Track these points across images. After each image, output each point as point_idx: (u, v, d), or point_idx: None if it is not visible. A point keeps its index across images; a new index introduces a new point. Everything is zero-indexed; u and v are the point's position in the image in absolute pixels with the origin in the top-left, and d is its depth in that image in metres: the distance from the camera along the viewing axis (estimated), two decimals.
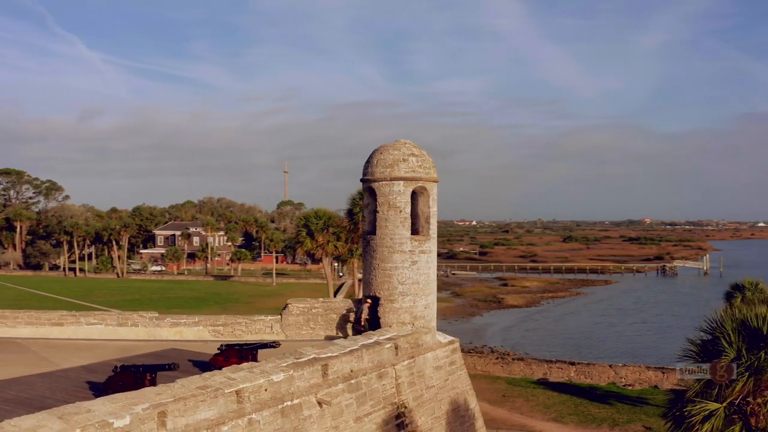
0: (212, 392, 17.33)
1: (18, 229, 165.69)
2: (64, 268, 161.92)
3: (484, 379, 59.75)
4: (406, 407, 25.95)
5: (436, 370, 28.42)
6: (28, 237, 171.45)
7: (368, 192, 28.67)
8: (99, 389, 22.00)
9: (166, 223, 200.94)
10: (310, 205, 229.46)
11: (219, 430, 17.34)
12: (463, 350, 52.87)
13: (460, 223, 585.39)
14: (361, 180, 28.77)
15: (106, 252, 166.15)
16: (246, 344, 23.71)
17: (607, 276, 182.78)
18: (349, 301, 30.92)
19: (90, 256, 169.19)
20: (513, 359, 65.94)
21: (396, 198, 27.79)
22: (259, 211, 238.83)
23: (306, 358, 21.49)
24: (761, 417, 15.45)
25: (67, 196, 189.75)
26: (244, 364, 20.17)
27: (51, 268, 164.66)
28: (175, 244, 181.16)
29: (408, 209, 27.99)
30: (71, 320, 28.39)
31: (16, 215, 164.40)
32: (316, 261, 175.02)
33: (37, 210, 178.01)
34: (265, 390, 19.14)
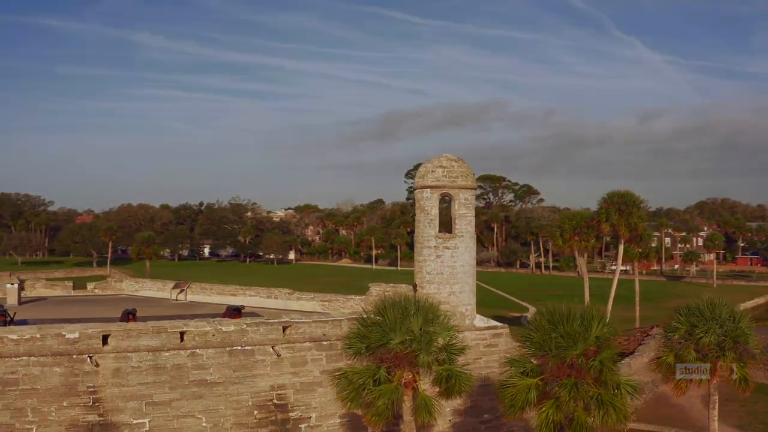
0: (156, 329, 27.77)
1: (495, 230, 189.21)
2: (531, 266, 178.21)
3: None
4: None
5: None
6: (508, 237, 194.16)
7: (414, 198, 34.97)
8: None
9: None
10: None
11: (160, 354, 27.72)
12: None
13: None
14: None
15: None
16: (233, 306, 33.02)
17: None
18: (411, 287, 36.93)
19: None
20: None
21: (425, 203, 33.68)
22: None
23: (272, 320, 30.16)
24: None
25: (541, 199, 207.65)
26: (217, 319, 30.11)
27: (521, 266, 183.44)
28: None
29: (434, 212, 33.57)
30: (240, 292, 41.33)
31: (493, 217, 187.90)
32: None
33: (510, 213, 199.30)
34: (213, 335, 28.66)
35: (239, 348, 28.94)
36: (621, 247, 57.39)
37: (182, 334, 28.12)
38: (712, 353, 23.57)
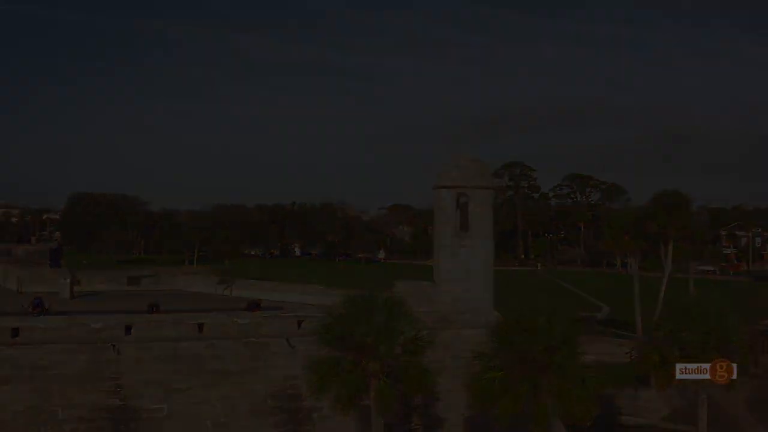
0: (174, 321, 29.83)
1: (581, 229, 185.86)
2: (617, 266, 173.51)
3: None
4: None
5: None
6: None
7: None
8: None
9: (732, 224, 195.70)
10: None
11: (179, 343, 29.69)
12: None
13: None
14: None
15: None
16: (253, 301, 34.65)
17: None
18: (433, 284, 37.54)
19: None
20: None
21: (442, 202, 34.49)
22: None
23: (287, 314, 31.75)
24: None
25: (629, 198, 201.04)
26: (235, 311, 32.00)
27: (607, 265, 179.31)
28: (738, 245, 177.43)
29: (450, 212, 34.32)
30: (279, 288, 43.54)
31: (580, 216, 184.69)
32: None
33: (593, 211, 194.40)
34: (229, 327, 30.44)
35: (254, 340, 30.59)
36: (670, 247, 56.14)
37: (200, 326, 30.01)
38: (694, 351, 23.48)
